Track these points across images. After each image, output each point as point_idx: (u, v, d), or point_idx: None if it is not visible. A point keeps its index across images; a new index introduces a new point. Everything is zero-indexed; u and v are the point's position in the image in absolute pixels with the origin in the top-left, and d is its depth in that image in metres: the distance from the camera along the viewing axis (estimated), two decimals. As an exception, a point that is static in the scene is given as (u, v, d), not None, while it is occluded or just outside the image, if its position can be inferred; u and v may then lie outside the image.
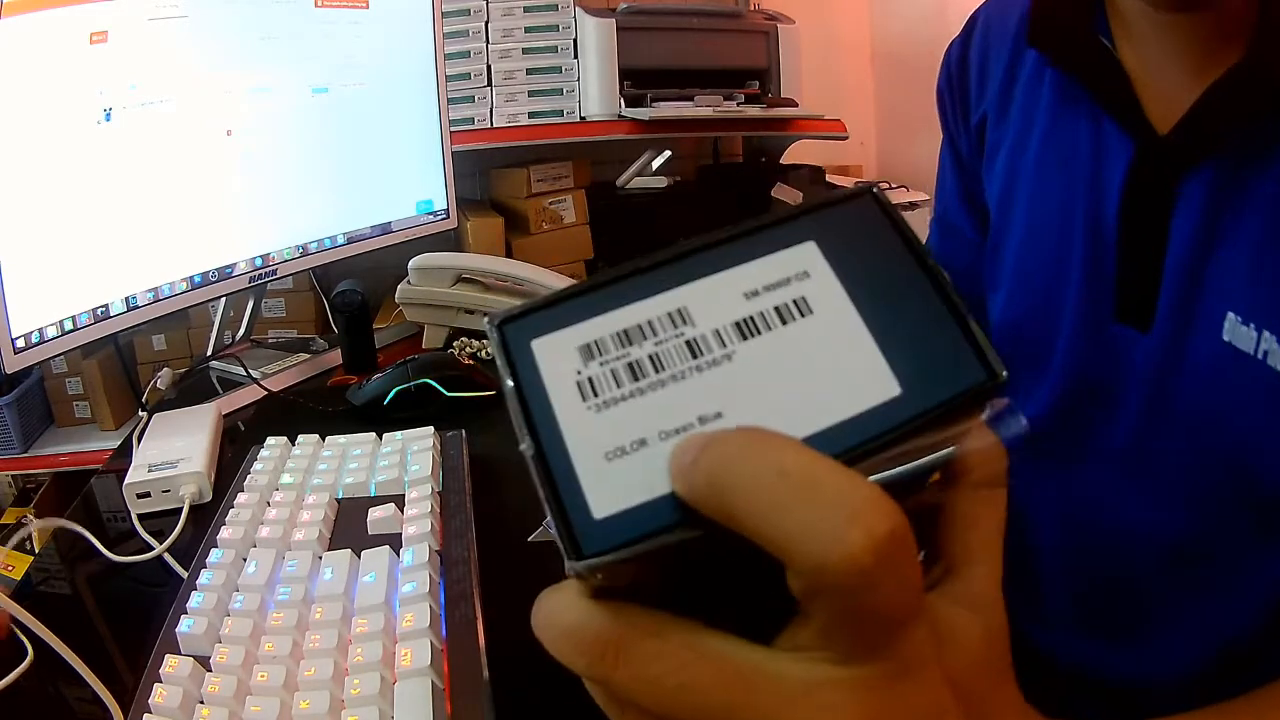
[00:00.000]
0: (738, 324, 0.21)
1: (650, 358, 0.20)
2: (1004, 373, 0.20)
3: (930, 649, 0.20)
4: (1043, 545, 0.56)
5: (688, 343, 0.20)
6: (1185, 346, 0.45)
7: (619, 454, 0.19)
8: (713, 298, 0.21)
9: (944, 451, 0.21)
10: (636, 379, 0.20)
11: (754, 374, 0.20)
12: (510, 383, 0.20)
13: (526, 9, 1.60)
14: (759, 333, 0.21)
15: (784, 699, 0.19)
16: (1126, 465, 0.50)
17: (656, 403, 0.20)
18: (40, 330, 0.70)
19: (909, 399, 0.20)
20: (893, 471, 0.20)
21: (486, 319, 0.21)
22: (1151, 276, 0.45)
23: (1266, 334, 0.41)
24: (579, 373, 0.20)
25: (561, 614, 0.20)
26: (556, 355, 0.21)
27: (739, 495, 0.18)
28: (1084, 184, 0.49)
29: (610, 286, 0.21)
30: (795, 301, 0.21)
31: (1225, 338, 0.42)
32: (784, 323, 0.21)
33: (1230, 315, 0.42)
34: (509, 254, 1.53)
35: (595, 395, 0.20)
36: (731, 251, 0.22)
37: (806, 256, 0.22)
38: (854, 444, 0.19)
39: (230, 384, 0.91)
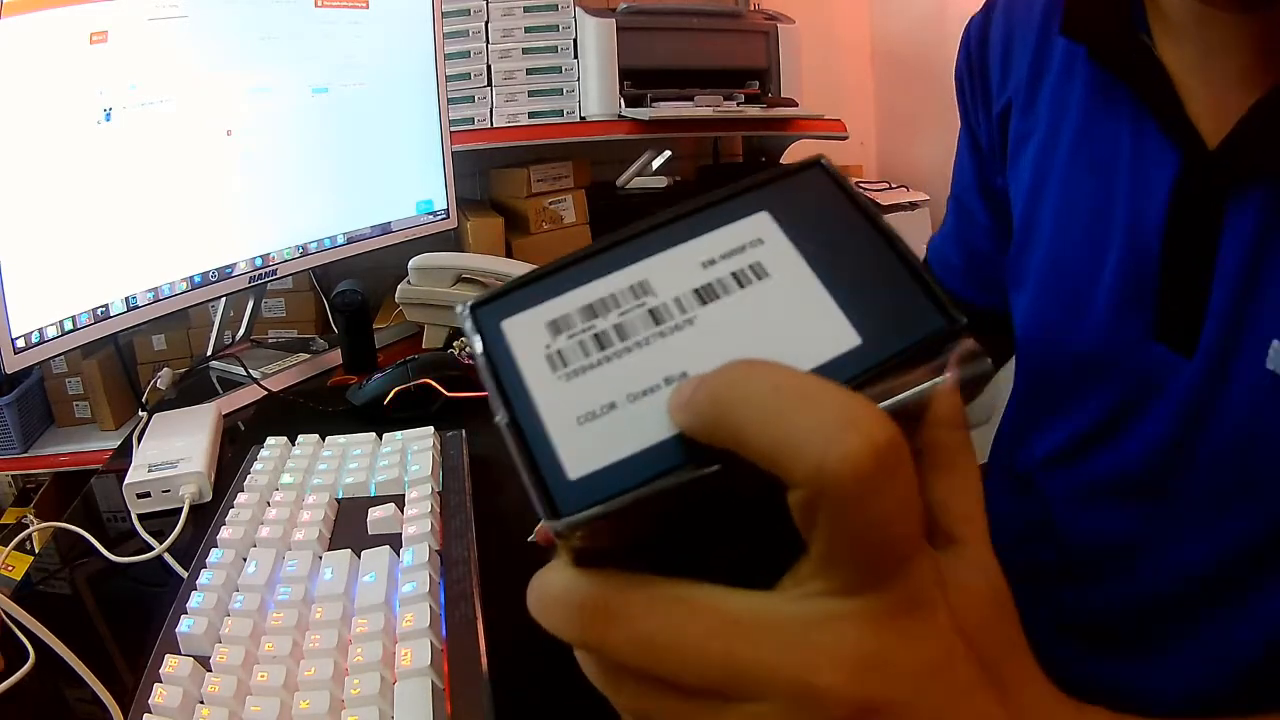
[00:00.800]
0: (697, 290, 0.22)
1: (614, 328, 0.21)
2: (963, 320, 0.21)
3: (938, 590, 0.19)
4: (1055, 561, 0.55)
5: (650, 311, 0.22)
6: (1228, 374, 0.42)
7: (589, 418, 0.20)
8: (672, 269, 0.22)
9: (911, 392, 0.21)
10: (603, 348, 0.21)
11: (715, 335, 0.21)
12: (484, 361, 0.21)
13: (526, 9, 1.60)
14: (718, 297, 0.22)
15: (783, 642, 0.18)
16: (1150, 489, 0.47)
17: (623, 368, 0.21)
18: (40, 330, 0.70)
19: (869, 348, 0.21)
20: None
21: (458, 306, 0.23)
22: (1197, 299, 0.42)
23: None
24: (548, 347, 0.21)
25: (549, 584, 0.21)
26: (526, 332, 0.22)
27: (740, 408, 0.18)
28: (1124, 191, 0.46)
29: (573, 267, 0.23)
30: (751, 266, 0.22)
31: (1269, 365, 0.40)
32: (741, 286, 0.22)
33: (1275, 343, 0.40)
34: (509, 254, 1.53)
35: (564, 365, 0.21)
36: (687, 226, 0.23)
37: (760, 225, 0.23)
38: None
39: (230, 384, 0.91)
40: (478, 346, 0.22)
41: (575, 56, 1.61)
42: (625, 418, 0.20)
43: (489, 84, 1.60)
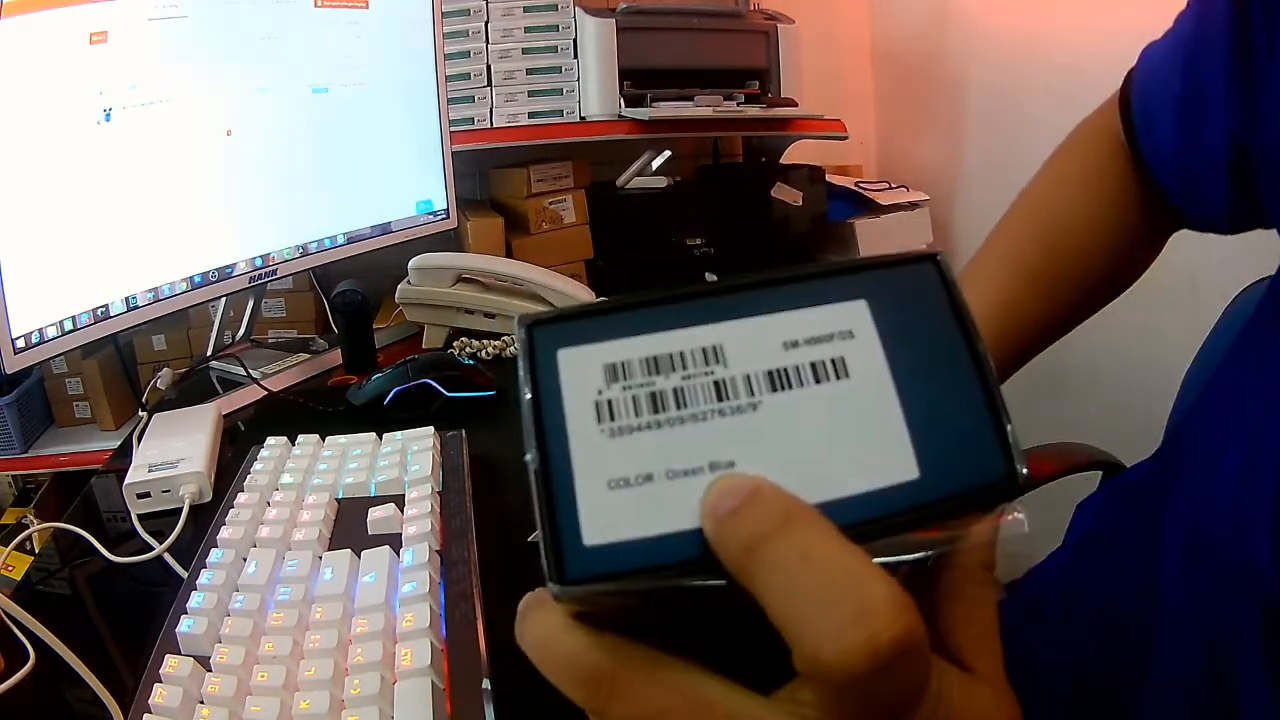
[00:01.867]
0: (770, 373, 0.20)
1: (675, 391, 0.20)
2: (1024, 472, 0.20)
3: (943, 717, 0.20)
4: None
5: (715, 383, 0.20)
6: None
7: (622, 484, 0.19)
8: (751, 341, 0.20)
9: (947, 541, 0.20)
10: (656, 411, 0.20)
11: (776, 429, 0.20)
12: (528, 389, 0.20)
13: (526, 9, 1.60)
14: (790, 387, 0.20)
15: None
16: None
17: (671, 440, 0.19)
18: (40, 330, 0.70)
19: (924, 484, 0.19)
20: (893, 558, 0.20)
21: (516, 319, 0.21)
22: None
23: None
24: (600, 392, 0.20)
25: (552, 640, 0.20)
26: (581, 369, 0.20)
27: (763, 571, 0.18)
28: None
29: (649, 308, 0.21)
30: (833, 360, 0.20)
31: None
32: (817, 381, 0.20)
33: None
34: (509, 254, 1.53)
35: (612, 419, 0.20)
36: (780, 295, 0.21)
37: (855, 315, 0.21)
38: (857, 521, 0.19)
39: (230, 384, 0.91)
40: (525, 369, 0.20)
41: (575, 56, 1.61)
42: (657, 495, 0.19)
43: (489, 84, 1.60)
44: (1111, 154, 0.53)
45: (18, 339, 0.68)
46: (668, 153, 1.79)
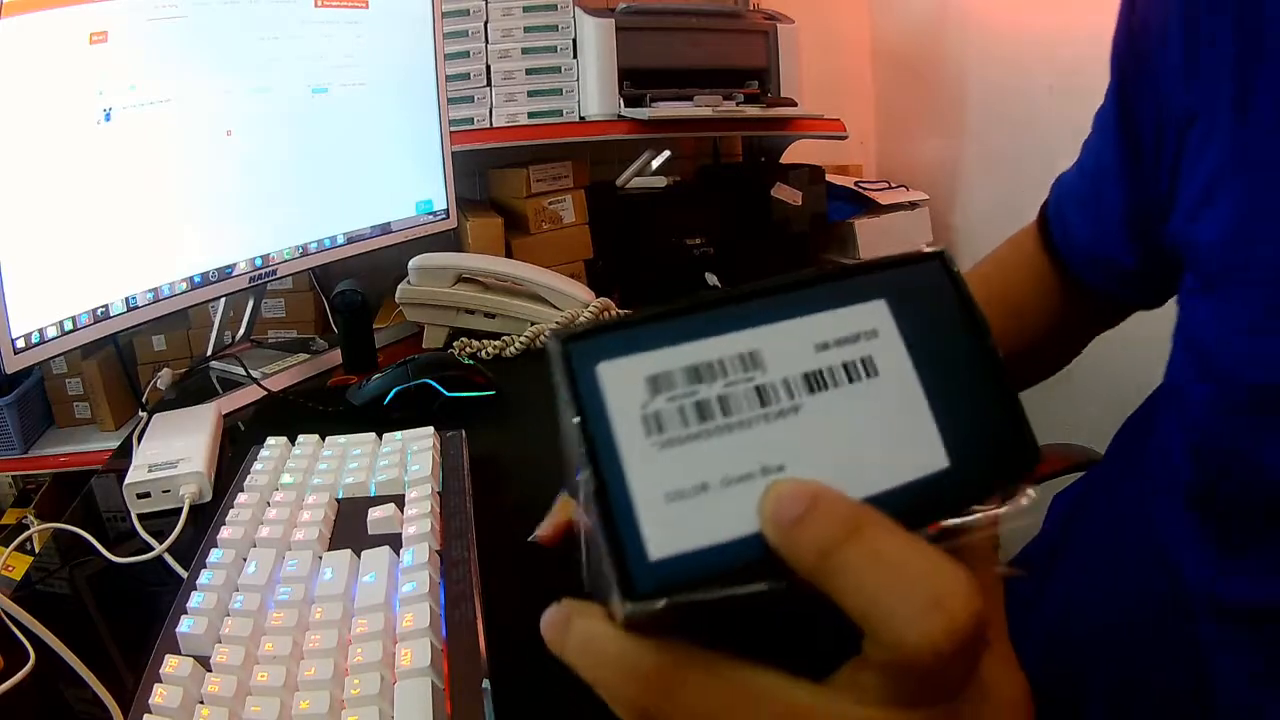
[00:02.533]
0: (807, 376, 0.21)
1: (719, 399, 0.20)
2: (1038, 454, 0.21)
3: (980, 698, 0.21)
4: None
5: (757, 389, 0.21)
6: None
7: (679, 496, 0.19)
8: (785, 345, 0.21)
9: (973, 519, 0.21)
10: (704, 420, 0.20)
11: (817, 429, 0.20)
12: (575, 411, 0.20)
13: (526, 9, 1.60)
14: (826, 388, 0.21)
15: None
16: None
17: (721, 447, 0.20)
18: (40, 330, 0.70)
19: (955, 473, 0.21)
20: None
21: (549, 333, 0.21)
22: None
23: None
24: (645, 406, 0.20)
25: (607, 645, 0.20)
26: (623, 383, 0.20)
27: (839, 573, 0.19)
28: None
29: (679, 317, 0.21)
30: (863, 360, 0.21)
31: None
32: (850, 381, 0.21)
33: None
34: (509, 254, 1.53)
35: (661, 431, 0.20)
36: (804, 298, 0.22)
37: (877, 315, 0.22)
38: (905, 513, 0.20)
39: (230, 384, 0.91)
40: (567, 387, 0.20)
41: (575, 56, 1.61)
42: (715, 502, 0.19)
43: (489, 84, 1.60)
44: (1038, 253, 0.59)
45: (18, 339, 0.68)
46: (667, 153, 1.79)
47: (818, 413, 0.21)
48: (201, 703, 0.40)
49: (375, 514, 0.55)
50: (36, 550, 0.68)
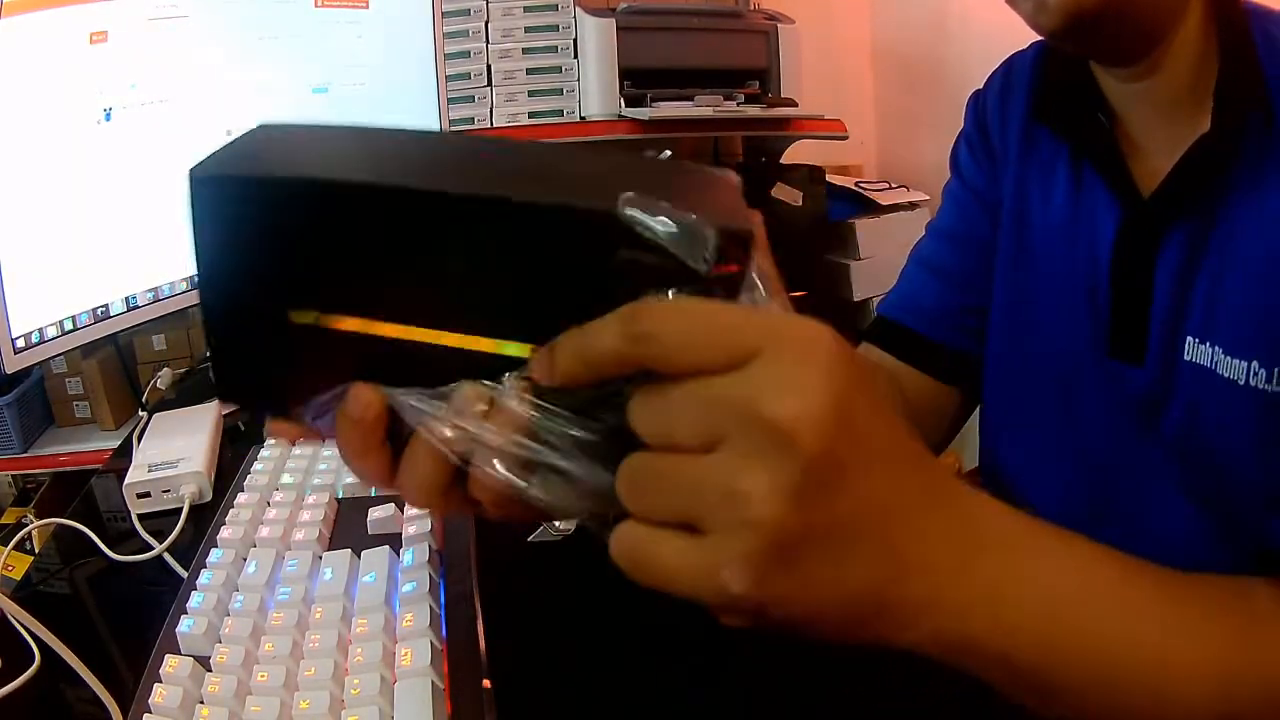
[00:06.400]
0: None
1: None
2: None
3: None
4: None
5: None
6: (1171, 374, 0.50)
7: None
8: None
9: None
10: None
11: None
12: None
13: (526, 9, 1.60)
14: None
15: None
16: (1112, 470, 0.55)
17: None
18: (40, 330, 0.70)
19: None
20: None
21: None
22: (1142, 318, 0.51)
23: (1217, 349, 0.47)
24: None
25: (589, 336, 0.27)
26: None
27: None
28: (1083, 236, 0.54)
29: None
30: None
31: (1186, 357, 0.48)
32: None
33: (1189, 339, 0.48)
34: (509, 254, 1.53)
35: None
36: None
37: None
38: None
39: (230, 384, 0.91)
40: None
41: (575, 56, 1.62)
42: None
43: (489, 84, 1.60)
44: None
45: (18, 339, 0.68)
46: (668, 152, 1.79)
47: None
48: (201, 703, 0.40)
49: (375, 514, 0.55)
50: (37, 550, 0.68)
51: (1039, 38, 0.52)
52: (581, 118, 1.62)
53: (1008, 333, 0.60)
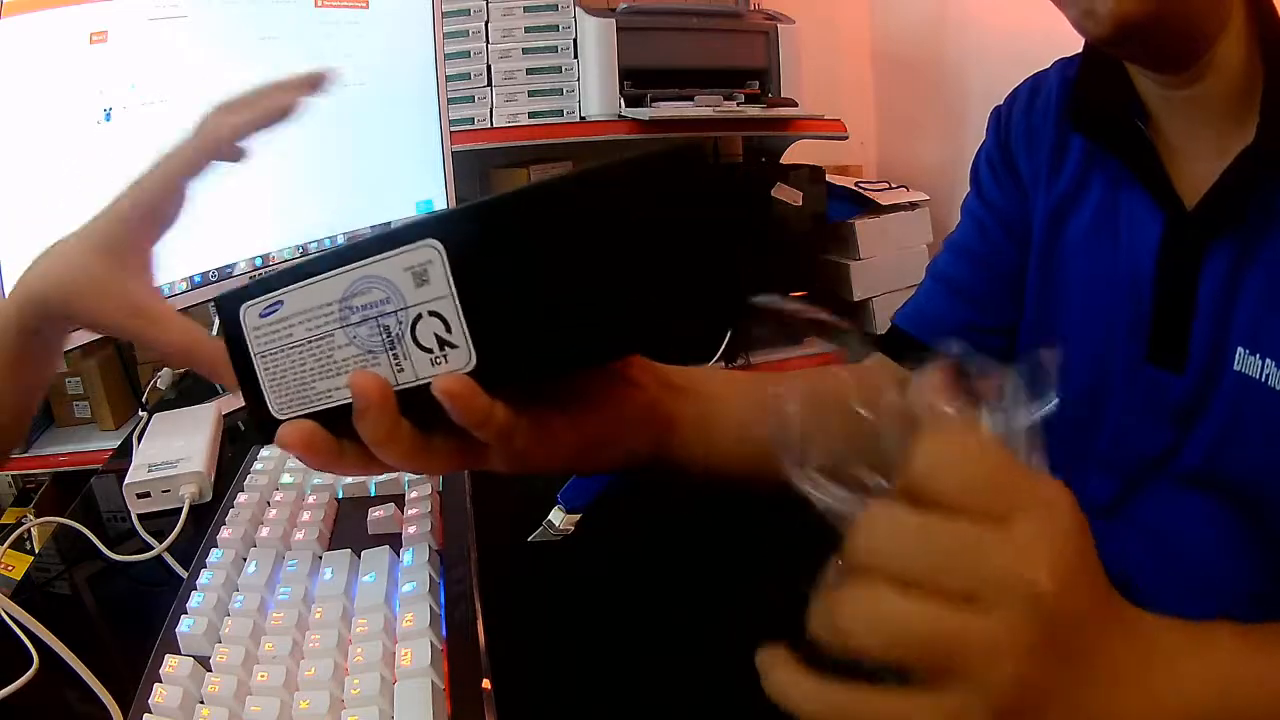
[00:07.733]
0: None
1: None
2: None
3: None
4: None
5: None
6: (1213, 383, 0.50)
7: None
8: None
9: None
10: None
11: None
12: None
13: (526, 9, 1.60)
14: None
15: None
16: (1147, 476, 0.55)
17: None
18: (40, 330, 0.69)
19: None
20: None
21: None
22: (1184, 328, 0.51)
23: (1269, 361, 0.47)
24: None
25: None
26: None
27: None
28: (1124, 248, 0.54)
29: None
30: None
31: (1236, 368, 0.48)
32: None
33: (1240, 350, 0.48)
34: (509, 254, 1.53)
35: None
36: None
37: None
38: None
39: (230, 384, 0.91)
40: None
41: (575, 56, 1.62)
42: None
43: (489, 84, 1.60)
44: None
45: (18, 339, 0.67)
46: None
47: None
48: (201, 703, 0.40)
49: (375, 514, 0.55)
50: (36, 550, 0.68)
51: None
52: (581, 118, 1.62)
53: (1037, 344, 0.60)
